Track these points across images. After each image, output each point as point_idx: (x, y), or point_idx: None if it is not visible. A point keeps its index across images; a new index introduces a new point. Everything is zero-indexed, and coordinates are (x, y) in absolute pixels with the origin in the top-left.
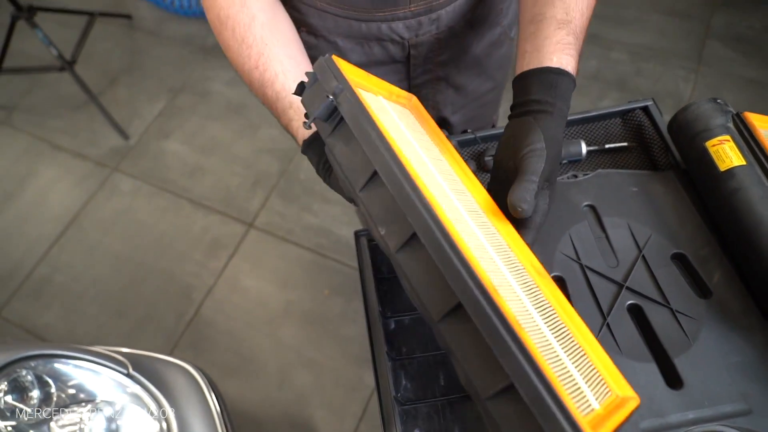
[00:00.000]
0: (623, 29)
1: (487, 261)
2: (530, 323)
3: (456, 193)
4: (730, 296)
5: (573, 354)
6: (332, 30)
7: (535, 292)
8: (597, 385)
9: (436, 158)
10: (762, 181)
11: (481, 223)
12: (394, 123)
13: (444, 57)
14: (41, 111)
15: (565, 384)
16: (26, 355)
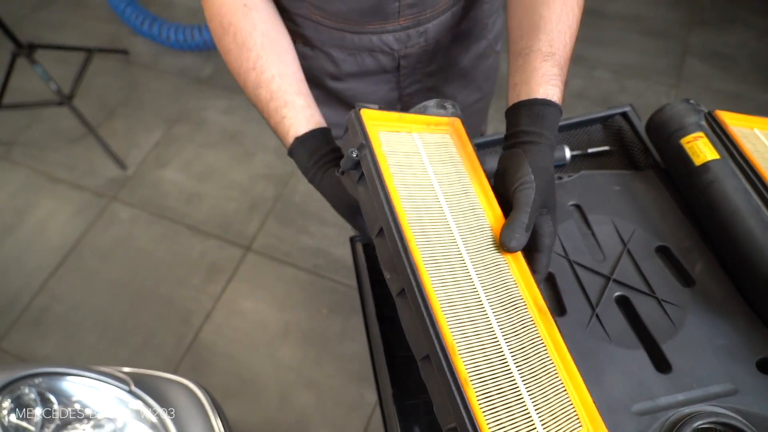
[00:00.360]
0: (605, 49)
1: (468, 310)
2: (494, 372)
3: (467, 231)
4: (713, 284)
5: (546, 394)
6: (326, 42)
7: (529, 329)
8: (564, 425)
9: (461, 191)
10: (735, 173)
11: (488, 260)
12: (419, 166)
13: (432, 68)
14: (40, 145)
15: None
16: (29, 374)
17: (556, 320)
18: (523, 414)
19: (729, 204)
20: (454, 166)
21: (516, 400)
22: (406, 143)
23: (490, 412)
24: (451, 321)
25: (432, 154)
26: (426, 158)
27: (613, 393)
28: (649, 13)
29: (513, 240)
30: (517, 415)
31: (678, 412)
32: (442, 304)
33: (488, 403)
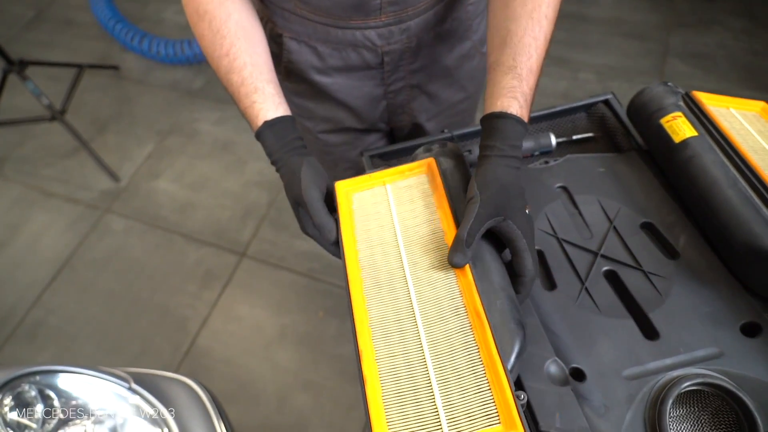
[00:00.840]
0: (589, 52)
1: (398, 321)
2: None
3: (420, 254)
4: (696, 255)
5: (465, 392)
6: (312, 36)
7: (462, 334)
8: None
9: (424, 222)
10: (713, 148)
11: (434, 277)
12: (385, 211)
13: (416, 65)
14: (33, 161)
15: None
16: (29, 371)
17: (545, 295)
18: (431, 407)
19: (708, 176)
20: (423, 201)
21: (428, 399)
22: (377, 195)
23: (395, 407)
24: (376, 328)
25: (401, 197)
26: (393, 202)
27: (604, 360)
28: (630, 16)
29: (454, 257)
30: (425, 409)
31: (666, 375)
32: (370, 313)
33: (395, 399)
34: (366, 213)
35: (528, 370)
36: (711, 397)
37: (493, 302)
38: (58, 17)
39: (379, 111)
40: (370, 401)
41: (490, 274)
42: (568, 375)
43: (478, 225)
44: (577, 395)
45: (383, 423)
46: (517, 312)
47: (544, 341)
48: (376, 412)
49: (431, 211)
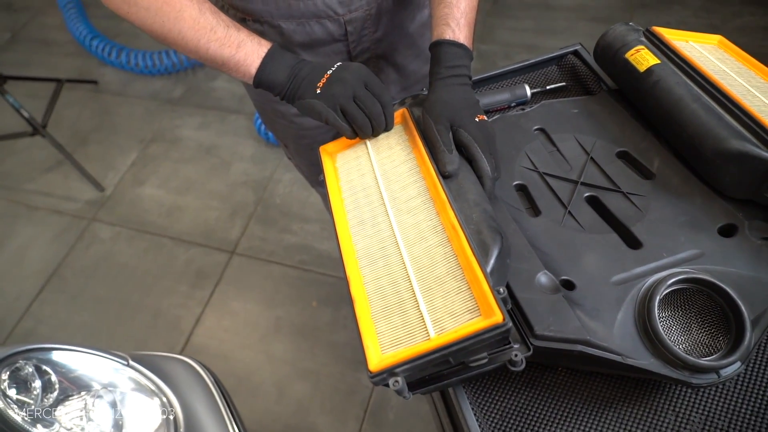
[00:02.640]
0: (557, 38)
1: (377, 232)
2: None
3: (398, 189)
4: (671, 173)
5: (444, 285)
6: (275, 14)
7: (443, 244)
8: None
9: (402, 161)
10: (675, 72)
11: (412, 204)
12: (367, 167)
13: (379, 34)
14: (15, 176)
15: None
16: (24, 348)
17: (531, 221)
18: (416, 314)
19: (673, 95)
20: (400, 146)
21: (413, 307)
22: (358, 150)
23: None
24: (362, 258)
25: (380, 146)
26: (372, 152)
27: (592, 270)
28: (593, 2)
29: (445, 167)
30: (411, 316)
31: (652, 277)
32: (356, 246)
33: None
34: (349, 167)
35: (519, 283)
36: (696, 295)
37: (469, 216)
38: (34, 37)
39: None
40: (360, 318)
41: (465, 192)
42: (558, 284)
43: (445, 133)
44: (569, 301)
45: (373, 334)
46: (492, 221)
47: (533, 257)
48: (365, 326)
49: (407, 152)
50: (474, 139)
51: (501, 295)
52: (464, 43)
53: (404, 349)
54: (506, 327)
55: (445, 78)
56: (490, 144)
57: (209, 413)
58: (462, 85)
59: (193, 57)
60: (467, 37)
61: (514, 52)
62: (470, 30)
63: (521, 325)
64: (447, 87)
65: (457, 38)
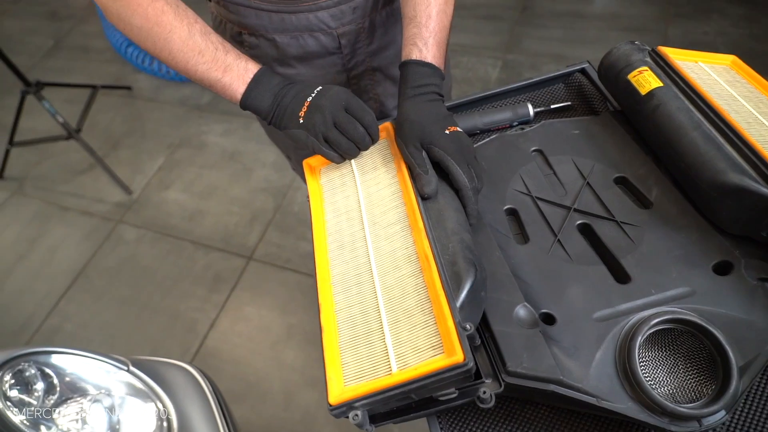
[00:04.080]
0: (587, 48)
1: (355, 259)
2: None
3: (380, 214)
4: (669, 203)
5: (412, 321)
6: (269, 27)
7: (415, 273)
8: (421, 345)
9: (386, 185)
10: (678, 96)
11: (391, 232)
12: (351, 188)
13: (373, 47)
14: (50, 178)
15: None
16: (28, 351)
17: (518, 248)
18: (381, 346)
19: (673, 122)
20: (385, 167)
21: (379, 339)
22: (342, 167)
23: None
24: (337, 284)
25: (365, 165)
26: (357, 172)
27: (575, 304)
28: (627, 11)
29: (423, 189)
30: (376, 348)
31: (637, 315)
32: (333, 272)
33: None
34: (333, 186)
35: (497, 314)
36: (683, 337)
37: (446, 246)
38: (75, 45)
39: None
40: (326, 347)
41: (444, 220)
42: (537, 318)
43: (417, 154)
44: (547, 337)
45: (338, 366)
46: (469, 252)
47: (513, 288)
48: (330, 356)
49: (392, 176)
50: (446, 153)
51: (467, 332)
52: (432, 62)
53: (365, 383)
54: (466, 367)
55: (412, 97)
56: (466, 154)
57: (204, 421)
58: (430, 102)
59: (186, 76)
60: (436, 57)
61: (542, 62)
62: (440, 50)
63: (495, 359)
64: (414, 105)
65: (424, 57)
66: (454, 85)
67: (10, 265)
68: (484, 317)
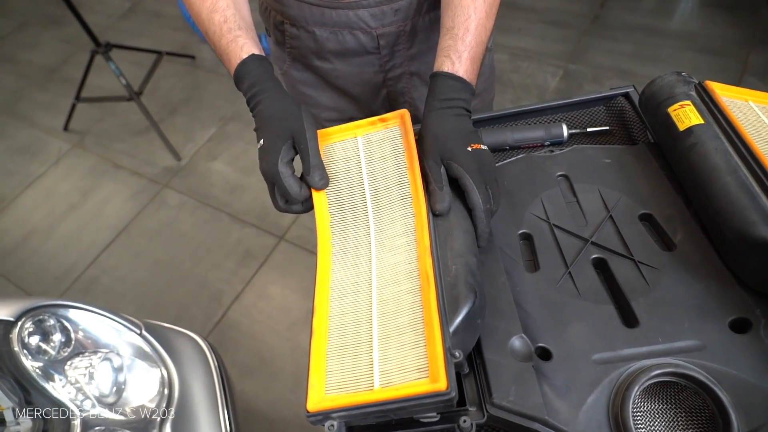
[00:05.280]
0: (657, 66)
1: (356, 276)
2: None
3: (388, 219)
4: (693, 248)
5: (401, 342)
6: (309, 20)
7: (410, 294)
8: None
9: (395, 183)
10: (718, 136)
11: (396, 243)
12: (356, 169)
13: (413, 51)
14: (109, 135)
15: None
16: (51, 303)
17: (526, 276)
18: (367, 359)
19: (708, 163)
20: (394, 159)
21: (366, 352)
22: (347, 149)
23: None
24: (335, 289)
25: (372, 152)
26: (364, 159)
27: (574, 342)
28: (707, 31)
29: (436, 206)
30: (362, 361)
31: (639, 363)
32: (333, 276)
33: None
34: (337, 169)
35: (491, 342)
36: (685, 393)
37: (449, 267)
38: (149, 9)
39: (380, 100)
40: (313, 352)
41: (451, 241)
42: (532, 352)
43: (435, 168)
44: (539, 373)
45: (322, 372)
46: (471, 277)
47: (513, 318)
48: (316, 362)
49: (401, 173)
50: (465, 170)
51: (456, 359)
52: (463, 77)
53: (345, 395)
54: (448, 396)
55: (438, 110)
56: (485, 173)
57: (204, 395)
58: (455, 116)
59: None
60: (468, 71)
61: (605, 76)
62: (474, 64)
63: (483, 388)
64: (438, 119)
65: (456, 71)
66: (508, 89)
67: (63, 213)
68: (478, 343)
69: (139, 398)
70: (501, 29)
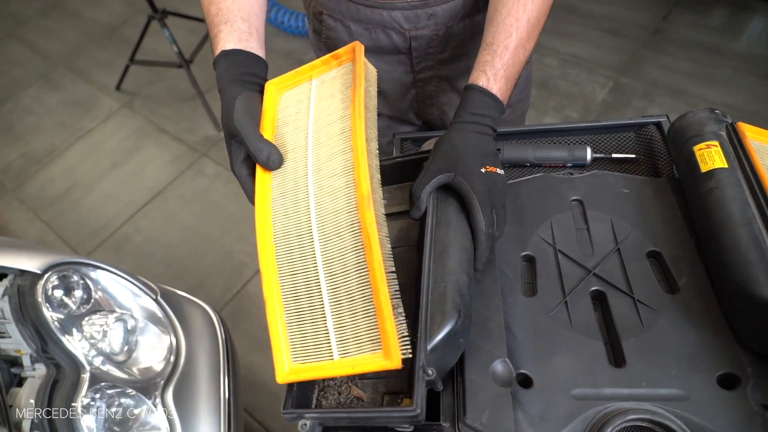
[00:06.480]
0: (713, 88)
1: (299, 238)
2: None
3: (326, 178)
4: (695, 295)
5: (356, 317)
6: (345, 14)
7: (356, 262)
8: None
9: (336, 120)
10: (740, 183)
11: (338, 203)
12: (303, 120)
13: (445, 56)
14: (156, 99)
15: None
16: (76, 261)
17: (522, 300)
18: (324, 328)
19: (723, 210)
20: (341, 95)
21: (322, 319)
22: (301, 93)
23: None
24: (279, 243)
25: (323, 92)
26: (314, 100)
27: (557, 374)
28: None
29: (411, 211)
30: (321, 328)
31: (617, 404)
32: (275, 227)
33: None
34: (287, 115)
35: (474, 362)
36: None
37: (438, 283)
38: None
39: (409, 100)
40: (270, 322)
41: (445, 257)
42: (513, 378)
43: (426, 179)
44: (517, 400)
45: (284, 343)
46: (459, 297)
47: (500, 341)
48: (275, 332)
49: (345, 106)
50: (473, 190)
51: (429, 377)
52: (496, 95)
53: (309, 366)
54: (414, 413)
55: (464, 123)
56: (494, 198)
57: (208, 366)
58: (479, 133)
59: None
60: (502, 90)
61: (657, 93)
62: (508, 83)
63: (459, 405)
64: (462, 131)
65: (490, 88)
66: (553, 96)
67: (106, 170)
68: (461, 361)
69: (147, 360)
70: (554, 33)
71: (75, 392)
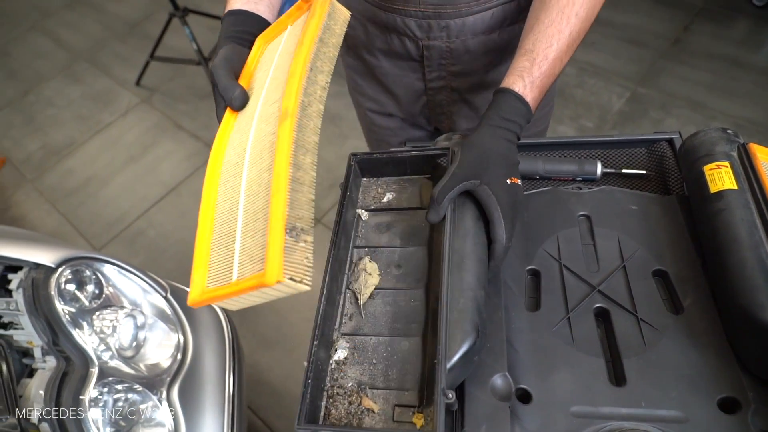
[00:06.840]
0: (731, 101)
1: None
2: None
3: (268, 103)
4: (699, 316)
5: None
6: (362, 14)
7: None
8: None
9: (280, 75)
10: (749, 206)
11: (272, 109)
12: (270, 64)
13: (457, 69)
14: (175, 95)
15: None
16: (89, 256)
17: (524, 314)
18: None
19: (730, 232)
20: (295, 39)
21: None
22: (278, 41)
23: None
24: (225, 174)
25: (292, 39)
26: (282, 46)
27: (557, 390)
28: None
29: (428, 214)
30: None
31: (616, 424)
32: (226, 158)
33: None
34: (263, 63)
35: (474, 376)
36: None
37: (457, 299)
38: None
39: (420, 106)
40: (197, 245)
41: (463, 270)
42: (512, 392)
43: (451, 184)
44: (515, 415)
45: (205, 266)
46: (477, 315)
47: (501, 355)
48: (199, 254)
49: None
50: (498, 201)
51: (449, 400)
52: (530, 103)
53: (214, 289)
54: None
55: (496, 127)
56: (514, 211)
57: (214, 365)
58: (508, 141)
59: None
60: (534, 99)
61: (674, 104)
62: (540, 94)
63: (457, 417)
64: (493, 136)
65: (525, 95)
66: (569, 105)
67: (123, 164)
68: None
69: (155, 357)
70: None
71: (83, 386)
